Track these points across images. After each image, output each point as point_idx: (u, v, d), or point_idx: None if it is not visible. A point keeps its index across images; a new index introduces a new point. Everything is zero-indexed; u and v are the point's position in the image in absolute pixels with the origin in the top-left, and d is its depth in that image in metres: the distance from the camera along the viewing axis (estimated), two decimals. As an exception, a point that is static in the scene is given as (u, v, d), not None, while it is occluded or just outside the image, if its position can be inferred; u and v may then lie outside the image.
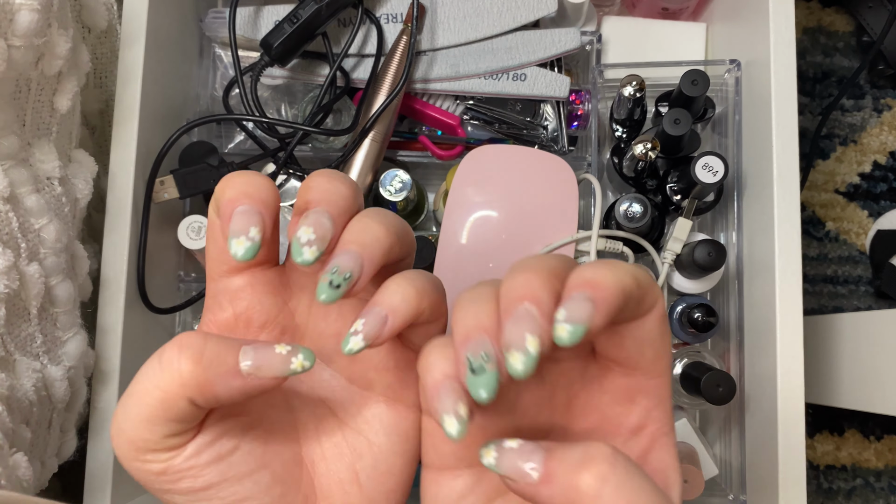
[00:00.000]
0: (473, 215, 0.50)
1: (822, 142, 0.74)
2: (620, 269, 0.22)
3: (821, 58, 0.76)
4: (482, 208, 0.50)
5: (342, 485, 0.26)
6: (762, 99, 0.49)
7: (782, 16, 0.48)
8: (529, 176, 0.50)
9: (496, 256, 0.49)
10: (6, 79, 0.38)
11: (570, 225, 0.49)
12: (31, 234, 0.40)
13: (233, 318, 0.26)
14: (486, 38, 0.53)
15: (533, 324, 0.21)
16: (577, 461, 0.21)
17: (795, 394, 0.45)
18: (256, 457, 0.25)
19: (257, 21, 0.52)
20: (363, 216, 0.24)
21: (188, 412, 0.23)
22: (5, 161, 0.39)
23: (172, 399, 0.22)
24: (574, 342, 0.20)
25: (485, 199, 0.50)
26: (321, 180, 0.24)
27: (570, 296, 0.21)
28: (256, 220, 0.23)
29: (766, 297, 0.47)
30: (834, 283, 0.73)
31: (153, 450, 0.23)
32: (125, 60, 0.47)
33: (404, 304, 0.23)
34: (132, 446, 0.23)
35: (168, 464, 0.23)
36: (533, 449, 0.22)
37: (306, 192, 0.24)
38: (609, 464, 0.21)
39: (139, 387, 0.23)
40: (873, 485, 0.70)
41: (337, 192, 0.24)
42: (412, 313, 0.23)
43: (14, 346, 0.39)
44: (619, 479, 0.21)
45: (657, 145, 0.49)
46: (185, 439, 0.23)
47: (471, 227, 0.50)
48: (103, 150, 0.49)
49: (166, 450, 0.23)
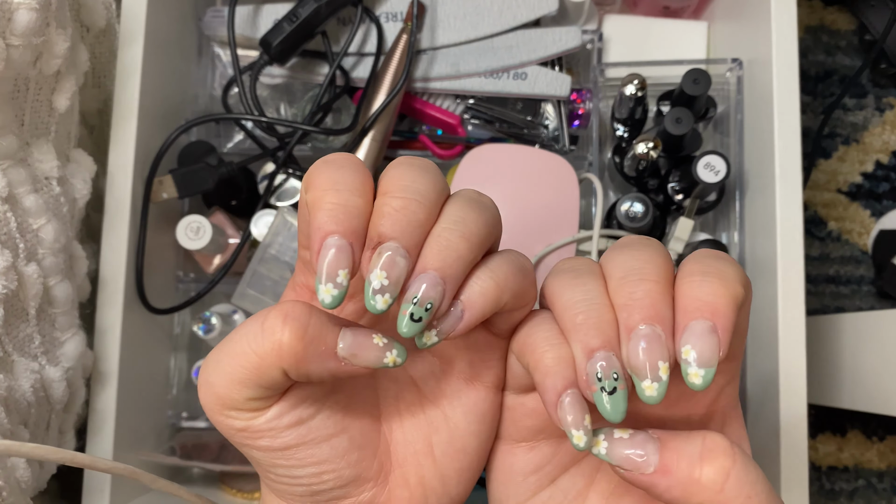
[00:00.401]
0: None
1: (825, 141, 0.74)
2: (731, 279, 0.22)
3: (823, 56, 0.75)
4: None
5: (417, 456, 0.26)
6: (764, 98, 0.48)
7: (784, 14, 0.48)
8: (530, 175, 0.50)
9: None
10: (4, 78, 0.38)
11: (572, 224, 0.49)
12: (30, 234, 0.39)
13: None
14: (486, 37, 0.53)
15: (663, 350, 0.21)
16: (697, 454, 0.21)
17: (798, 394, 0.45)
18: (336, 422, 0.25)
19: (256, 20, 0.52)
20: (444, 228, 0.23)
21: (279, 381, 0.23)
22: (3, 161, 0.39)
23: (266, 367, 0.22)
24: (708, 385, 0.21)
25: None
26: (397, 205, 0.22)
27: (691, 327, 0.21)
28: (346, 261, 0.22)
29: (768, 297, 0.47)
30: (836, 284, 0.72)
31: (237, 408, 0.23)
32: (124, 60, 0.47)
33: (482, 300, 0.23)
34: (218, 401, 0.23)
35: (249, 423, 0.24)
36: (646, 439, 0.22)
37: (379, 220, 0.22)
38: (729, 457, 0.21)
39: (236, 346, 0.23)
40: (876, 486, 0.70)
41: (414, 220, 0.22)
42: (490, 308, 0.23)
43: (12, 346, 0.39)
44: (739, 472, 0.21)
45: (659, 144, 0.49)
46: (268, 403, 0.24)
47: None
48: (102, 150, 0.49)
49: (249, 410, 0.23)
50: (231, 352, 0.23)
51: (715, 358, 0.21)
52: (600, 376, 0.22)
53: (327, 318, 0.23)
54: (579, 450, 0.22)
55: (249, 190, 0.54)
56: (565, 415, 0.22)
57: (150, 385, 0.51)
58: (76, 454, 0.31)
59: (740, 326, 0.23)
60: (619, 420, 0.22)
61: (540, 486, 0.26)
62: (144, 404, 0.50)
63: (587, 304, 0.22)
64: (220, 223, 0.53)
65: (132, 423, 0.48)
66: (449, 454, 0.26)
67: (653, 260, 0.22)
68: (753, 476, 0.21)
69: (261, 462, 0.25)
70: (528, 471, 0.26)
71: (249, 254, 0.54)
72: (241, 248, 0.51)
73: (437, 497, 0.26)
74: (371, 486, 0.26)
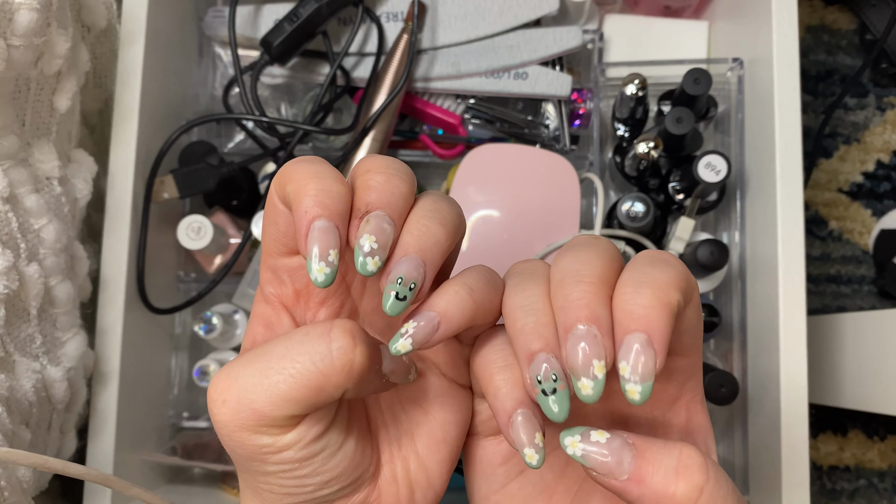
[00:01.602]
0: (475, 215, 0.50)
1: (825, 140, 0.74)
2: (665, 286, 0.22)
3: (824, 56, 0.75)
4: (483, 208, 0.50)
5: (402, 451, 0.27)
6: (765, 97, 0.48)
7: (785, 14, 0.48)
8: (530, 175, 0.50)
9: (498, 256, 0.49)
10: (6, 78, 0.38)
11: (573, 224, 0.49)
12: (31, 234, 0.39)
13: (293, 293, 0.26)
14: (487, 37, 0.53)
15: (598, 349, 0.21)
16: (672, 467, 0.22)
17: (799, 394, 0.45)
18: (343, 427, 0.25)
19: (257, 20, 0.52)
20: (421, 216, 0.24)
21: (334, 401, 0.23)
22: (5, 161, 0.39)
23: (332, 387, 0.22)
24: (646, 399, 0.21)
25: (486, 199, 0.50)
26: (380, 179, 0.24)
27: (626, 343, 0.22)
28: (334, 240, 0.23)
29: (769, 296, 0.47)
30: (837, 283, 0.72)
31: (275, 426, 0.23)
32: (124, 60, 0.47)
33: (459, 314, 0.23)
34: (255, 418, 0.23)
35: (277, 438, 0.23)
36: (622, 445, 0.22)
37: (366, 192, 0.23)
38: (703, 473, 0.21)
39: (295, 364, 0.22)
40: (877, 485, 0.70)
41: (397, 192, 0.24)
42: (465, 323, 0.24)
43: (13, 346, 0.39)
44: (712, 488, 0.21)
45: (659, 144, 0.49)
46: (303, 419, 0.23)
47: (472, 227, 0.49)
48: (103, 150, 0.49)
49: (284, 426, 0.23)
50: (284, 368, 0.22)
51: (651, 372, 0.21)
52: (540, 378, 0.22)
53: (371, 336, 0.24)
54: (533, 468, 0.23)
55: (250, 190, 0.54)
56: (518, 434, 0.23)
57: (152, 385, 0.51)
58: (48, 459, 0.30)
59: (689, 325, 0.23)
60: (562, 420, 0.22)
61: (509, 478, 0.27)
62: (145, 404, 0.50)
63: (526, 310, 0.23)
64: (221, 223, 0.53)
65: (133, 423, 0.48)
66: (431, 446, 0.27)
67: (590, 262, 0.23)
68: (725, 490, 0.22)
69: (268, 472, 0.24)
70: (496, 462, 0.27)
71: (250, 254, 0.54)
72: (242, 248, 0.51)
73: (422, 490, 0.27)
74: (365, 486, 0.26)
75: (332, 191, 0.23)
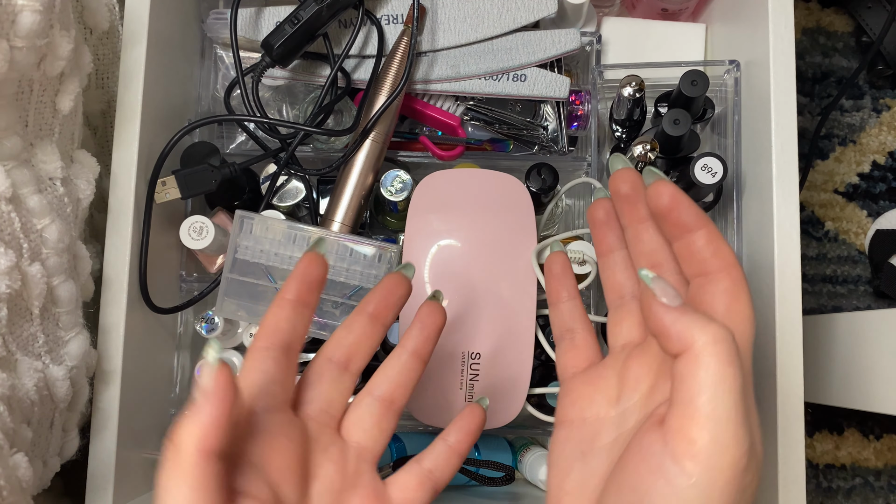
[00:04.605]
0: (433, 243, 0.49)
1: (822, 142, 0.74)
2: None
3: (820, 58, 0.76)
4: (440, 235, 0.49)
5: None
6: (761, 99, 0.49)
7: (781, 16, 0.48)
8: (483, 197, 0.50)
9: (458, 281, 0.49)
10: (8, 80, 0.38)
11: (530, 241, 0.49)
12: (34, 234, 0.40)
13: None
14: (486, 39, 0.53)
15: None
16: (704, 322, 0.26)
17: (794, 393, 0.45)
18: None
19: (258, 22, 0.52)
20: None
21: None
22: (8, 162, 0.39)
23: None
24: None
25: (442, 227, 0.50)
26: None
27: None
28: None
29: (765, 296, 0.47)
30: (833, 283, 0.73)
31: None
32: (127, 61, 0.48)
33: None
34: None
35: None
36: (675, 295, 0.27)
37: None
38: (725, 343, 0.25)
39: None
40: (872, 484, 0.70)
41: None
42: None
43: (16, 345, 0.39)
44: (722, 356, 0.25)
45: (656, 146, 0.49)
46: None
47: (432, 255, 0.49)
48: (105, 151, 0.49)
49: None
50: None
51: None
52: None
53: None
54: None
55: (252, 190, 0.54)
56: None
57: (154, 384, 0.52)
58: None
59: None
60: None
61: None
62: (148, 403, 0.51)
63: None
64: (222, 223, 0.53)
65: (135, 422, 0.48)
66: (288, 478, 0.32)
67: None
68: (734, 370, 0.26)
69: None
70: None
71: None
72: (243, 249, 0.51)
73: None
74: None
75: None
